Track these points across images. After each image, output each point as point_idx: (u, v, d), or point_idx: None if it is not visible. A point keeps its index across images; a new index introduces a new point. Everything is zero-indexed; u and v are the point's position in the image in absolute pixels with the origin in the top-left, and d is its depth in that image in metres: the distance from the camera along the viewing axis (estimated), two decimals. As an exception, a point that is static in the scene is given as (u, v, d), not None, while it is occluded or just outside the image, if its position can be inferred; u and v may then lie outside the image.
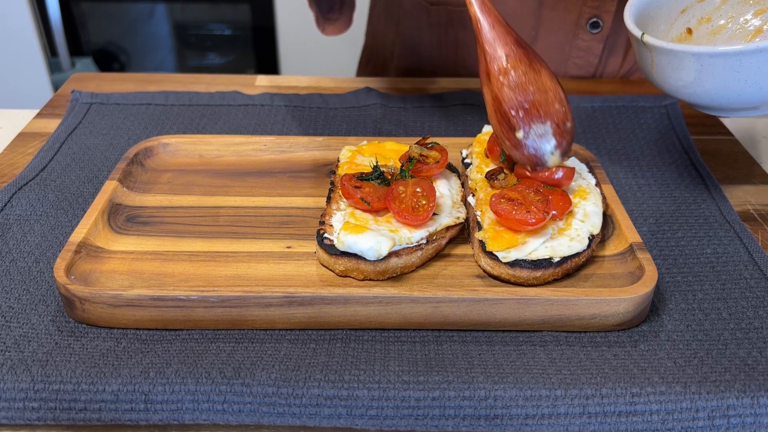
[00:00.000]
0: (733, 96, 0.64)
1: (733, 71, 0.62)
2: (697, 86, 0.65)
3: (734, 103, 0.65)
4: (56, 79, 2.45)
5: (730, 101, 0.65)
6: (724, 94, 0.64)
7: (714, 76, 0.63)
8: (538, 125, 0.63)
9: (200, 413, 0.51)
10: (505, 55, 0.64)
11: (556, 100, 0.63)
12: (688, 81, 0.65)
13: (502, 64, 0.64)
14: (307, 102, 0.96)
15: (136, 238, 0.66)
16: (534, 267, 0.59)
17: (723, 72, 0.62)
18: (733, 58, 0.61)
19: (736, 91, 0.63)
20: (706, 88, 0.64)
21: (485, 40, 0.64)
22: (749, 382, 0.52)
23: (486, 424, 0.51)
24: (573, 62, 1.04)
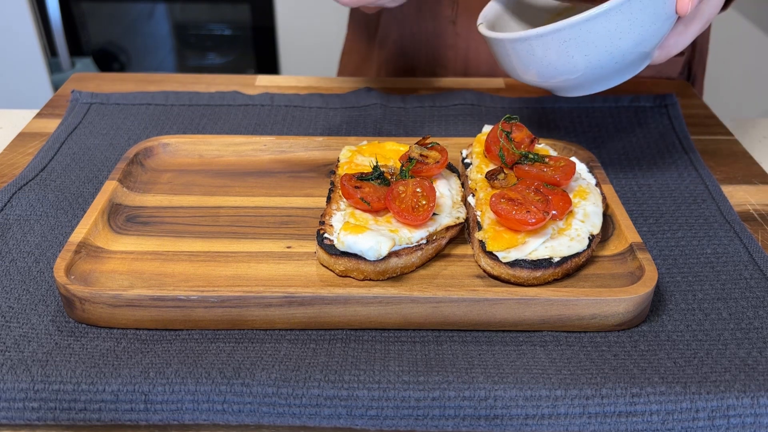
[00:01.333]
0: (541, 75, 0.66)
1: (529, 54, 0.64)
2: (511, 69, 0.68)
3: (548, 81, 0.67)
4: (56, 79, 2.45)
5: (545, 80, 0.67)
6: (533, 72, 0.66)
7: (517, 58, 0.66)
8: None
9: (200, 413, 0.51)
10: None
11: None
12: (506, 64, 0.68)
13: None
14: (307, 102, 0.96)
15: (136, 238, 0.66)
16: (534, 267, 0.59)
17: (523, 54, 0.65)
18: (524, 42, 0.63)
19: (537, 71, 0.65)
20: (516, 70, 0.67)
21: None
22: (749, 382, 0.52)
23: (486, 424, 0.51)
24: None
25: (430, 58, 1.10)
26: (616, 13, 0.60)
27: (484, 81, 1.05)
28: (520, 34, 0.63)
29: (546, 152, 0.72)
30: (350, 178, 0.66)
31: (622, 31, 0.61)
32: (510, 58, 0.67)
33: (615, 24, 0.60)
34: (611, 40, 0.61)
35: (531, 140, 0.70)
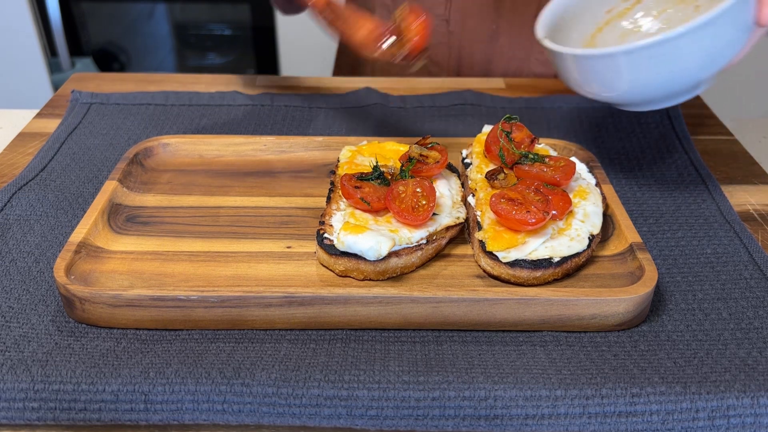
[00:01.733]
0: (620, 92, 0.66)
1: (609, 70, 0.64)
2: (584, 84, 0.68)
3: (623, 98, 0.67)
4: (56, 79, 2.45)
5: (620, 97, 0.67)
6: (611, 89, 0.66)
7: (595, 75, 0.65)
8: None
9: (200, 413, 0.51)
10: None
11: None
12: (576, 81, 0.68)
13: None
14: (307, 102, 0.96)
15: (136, 238, 0.66)
16: (534, 267, 0.59)
17: (604, 71, 0.65)
18: (608, 59, 0.63)
19: (619, 88, 0.65)
20: (591, 86, 0.67)
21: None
22: (749, 382, 0.52)
23: (486, 424, 0.51)
24: (535, 58, 1.05)
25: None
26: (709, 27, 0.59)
27: (484, 81, 1.05)
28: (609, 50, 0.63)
29: (546, 152, 0.72)
30: (350, 178, 0.66)
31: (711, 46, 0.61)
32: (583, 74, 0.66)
33: (708, 38, 0.60)
34: (704, 54, 0.61)
35: (531, 140, 0.70)
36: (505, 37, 1.04)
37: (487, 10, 1.02)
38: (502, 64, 1.07)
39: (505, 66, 1.07)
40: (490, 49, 1.06)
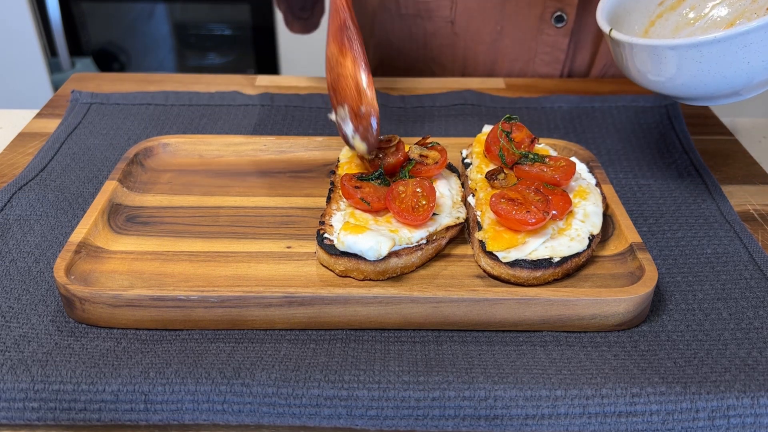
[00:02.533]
0: (699, 86, 0.65)
1: (695, 62, 0.63)
2: (665, 78, 0.66)
3: (703, 92, 0.66)
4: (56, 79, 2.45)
5: (698, 91, 0.66)
6: (691, 85, 0.65)
7: (678, 67, 0.64)
8: (339, 108, 0.66)
9: (200, 413, 0.51)
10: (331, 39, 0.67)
11: (354, 86, 0.65)
12: (656, 73, 0.66)
13: (328, 48, 0.67)
14: (307, 102, 0.96)
15: (136, 238, 0.66)
16: (534, 267, 0.59)
17: (686, 63, 0.63)
18: (693, 50, 0.62)
19: (702, 81, 0.64)
20: (673, 79, 0.66)
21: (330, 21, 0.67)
22: (749, 382, 0.52)
23: (486, 425, 0.51)
24: (540, 58, 1.05)
25: (428, 58, 1.10)
26: None
27: (484, 81, 1.05)
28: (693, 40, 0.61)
29: (546, 152, 0.72)
30: (350, 178, 0.66)
31: None
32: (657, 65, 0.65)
33: None
34: None
35: (531, 140, 0.70)
36: (509, 37, 1.04)
37: (492, 12, 1.02)
38: (506, 65, 1.07)
39: (510, 66, 1.07)
40: (494, 50, 1.06)
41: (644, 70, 0.67)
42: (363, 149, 0.67)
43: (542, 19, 1.01)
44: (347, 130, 0.66)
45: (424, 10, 1.05)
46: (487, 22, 1.03)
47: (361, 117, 0.65)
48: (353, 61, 0.65)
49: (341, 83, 0.65)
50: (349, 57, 0.65)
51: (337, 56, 0.65)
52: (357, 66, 0.65)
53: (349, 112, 0.65)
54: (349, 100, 0.65)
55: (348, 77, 0.65)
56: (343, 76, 0.65)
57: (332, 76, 0.66)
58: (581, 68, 1.07)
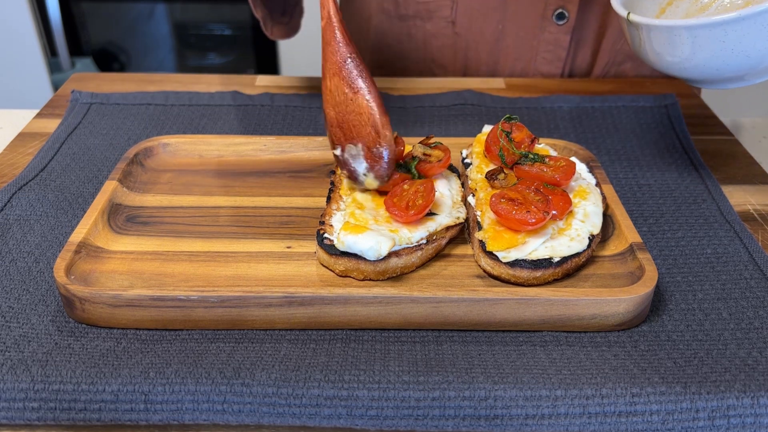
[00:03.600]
0: (722, 66, 0.65)
1: (719, 41, 0.63)
2: (686, 59, 0.66)
3: (723, 73, 0.66)
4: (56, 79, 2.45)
5: (720, 71, 0.66)
6: (713, 65, 0.65)
7: (702, 47, 0.64)
8: (350, 146, 0.64)
9: (200, 413, 0.51)
10: (333, 73, 0.64)
11: (369, 124, 0.63)
12: (677, 55, 0.66)
13: (329, 82, 0.65)
14: (307, 102, 0.96)
15: (136, 238, 0.66)
16: (534, 267, 0.59)
17: (710, 43, 0.63)
18: (718, 28, 0.62)
19: (724, 61, 0.64)
20: (696, 60, 0.66)
21: (324, 56, 0.65)
22: (749, 382, 0.52)
23: (486, 424, 0.51)
24: (542, 57, 1.05)
25: (428, 59, 1.10)
26: None
27: (484, 81, 1.05)
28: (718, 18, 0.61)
29: (546, 152, 0.72)
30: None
31: None
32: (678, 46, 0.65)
33: None
34: None
35: (531, 140, 0.70)
36: (510, 36, 1.04)
37: (493, 11, 1.02)
38: (508, 65, 1.07)
39: (511, 66, 1.07)
40: (496, 50, 1.06)
41: (663, 51, 0.67)
42: (374, 186, 0.66)
43: (544, 17, 1.01)
44: (359, 168, 0.65)
45: (424, 11, 1.05)
46: (489, 20, 1.03)
47: (378, 157, 0.64)
48: (367, 100, 0.63)
49: (353, 121, 0.64)
50: (360, 95, 0.63)
51: (345, 93, 0.64)
52: (372, 105, 0.63)
53: (364, 151, 0.64)
54: (364, 140, 0.64)
55: (362, 115, 0.63)
56: (356, 114, 0.63)
57: (338, 113, 0.64)
58: (582, 66, 1.07)
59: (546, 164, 0.67)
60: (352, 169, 0.66)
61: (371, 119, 0.63)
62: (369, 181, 0.66)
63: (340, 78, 0.64)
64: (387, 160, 0.64)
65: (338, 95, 0.64)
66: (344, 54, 0.64)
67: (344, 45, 0.64)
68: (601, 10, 1.01)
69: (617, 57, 1.05)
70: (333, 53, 0.64)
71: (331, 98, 0.65)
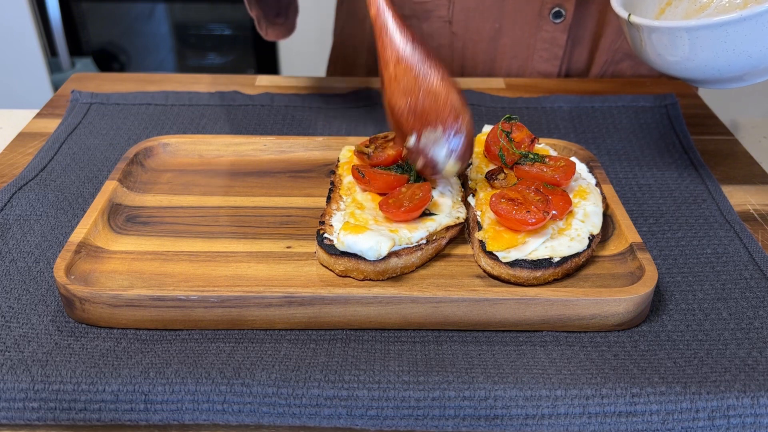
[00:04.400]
0: (723, 66, 0.65)
1: (720, 42, 0.63)
2: (687, 60, 0.66)
3: (725, 73, 0.66)
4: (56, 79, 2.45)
5: (721, 72, 0.66)
6: (714, 65, 0.65)
7: (703, 48, 0.64)
8: (429, 131, 0.62)
9: (200, 413, 0.51)
10: (397, 60, 0.62)
11: (447, 105, 0.62)
12: (678, 56, 0.67)
13: (393, 70, 0.62)
14: (307, 102, 0.96)
15: (136, 238, 0.66)
16: (534, 267, 0.59)
17: (711, 44, 0.64)
18: (720, 29, 0.62)
19: (725, 62, 0.64)
20: (697, 60, 0.66)
21: (381, 44, 0.63)
22: (749, 382, 0.52)
23: (486, 424, 0.51)
24: (539, 55, 1.04)
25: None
26: None
27: (483, 81, 1.05)
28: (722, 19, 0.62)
29: (546, 152, 0.72)
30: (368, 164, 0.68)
31: None
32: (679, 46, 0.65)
33: None
34: None
35: (531, 140, 0.70)
36: (507, 35, 1.04)
37: (490, 10, 1.02)
38: (505, 63, 1.07)
39: (508, 64, 1.07)
40: (493, 49, 1.06)
41: (664, 52, 0.68)
42: (456, 171, 0.64)
43: (540, 15, 1.01)
44: (439, 153, 0.62)
45: (420, 10, 1.05)
46: (486, 19, 1.03)
47: (459, 137, 0.62)
48: (442, 80, 0.62)
49: (429, 106, 0.62)
50: (434, 78, 0.62)
51: (416, 78, 0.62)
52: (448, 85, 0.62)
53: (445, 134, 0.62)
54: (445, 121, 0.62)
55: (439, 97, 0.62)
56: (432, 98, 0.61)
57: (411, 100, 0.62)
58: (579, 64, 1.07)
59: (546, 164, 0.67)
60: (431, 156, 0.63)
61: (449, 100, 0.62)
62: (450, 166, 0.63)
63: (406, 64, 0.62)
64: (468, 140, 0.63)
65: (407, 81, 0.62)
66: (407, 37, 0.62)
67: (404, 28, 0.63)
68: (598, 9, 1.01)
69: (615, 56, 1.05)
70: (393, 39, 0.62)
71: (398, 86, 0.62)
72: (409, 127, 0.63)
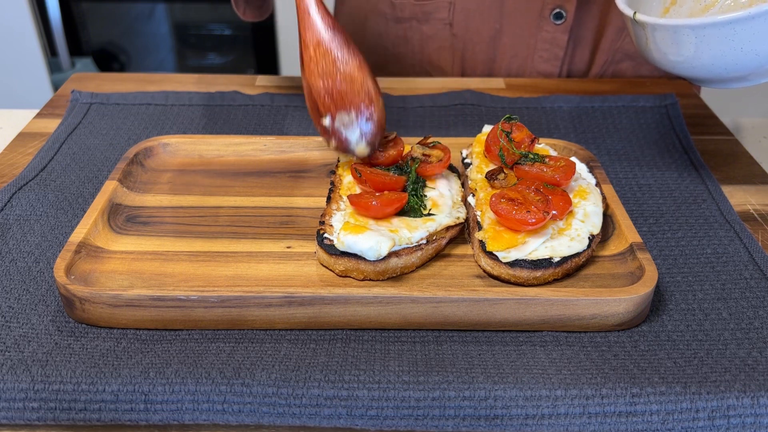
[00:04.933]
0: (729, 65, 0.65)
1: (728, 40, 0.63)
2: (693, 58, 0.66)
3: (730, 72, 0.66)
4: (56, 79, 2.45)
5: (727, 71, 0.66)
6: (721, 64, 0.65)
7: (709, 46, 0.64)
8: (342, 114, 0.65)
9: (200, 413, 0.51)
10: (318, 42, 0.65)
11: (362, 91, 0.64)
12: (684, 54, 0.66)
13: (313, 52, 0.65)
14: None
15: (136, 238, 0.66)
16: (534, 267, 0.59)
17: (718, 42, 0.63)
18: (727, 27, 0.62)
19: (732, 60, 0.64)
20: (703, 59, 0.65)
21: (304, 26, 0.65)
22: (749, 382, 0.52)
23: (486, 424, 0.51)
24: (539, 55, 1.05)
25: (424, 61, 1.10)
26: None
27: (483, 81, 1.05)
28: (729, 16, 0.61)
29: (546, 152, 0.72)
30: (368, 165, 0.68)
31: None
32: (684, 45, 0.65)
33: None
34: None
35: (531, 140, 0.70)
36: (508, 36, 1.04)
37: (490, 11, 1.02)
38: (504, 63, 1.07)
39: (508, 64, 1.07)
40: (493, 49, 1.06)
41: (670, 50, 0.67)
42: (366, 153, 0.67)
43: (541, 16, 1.01)
44: (351, 136, 0.66)
45: (420, 13, 1.05)
46: (486, 21, 1.03)
47: (371, 122, 0.65)
48: (359, 67, 0.65)
49: (345, 89, 0.64)
50: (352, 63, 0.64)
51: (335, 62, 0.65)
52: (364, 72, 0.65)
53: (358, 118, 0.65)
54: (358, 106, 0.65)
55: (355, 82, 0.64)
56: (348, 82, 0.64)
57: (328, 82, 0.65)
58: (580, 65, 1.07)
59: (546, 164, 0.67)
60: (343, 138, 0.66)
61: (364, 86, 0.64)
62: (361, 149, 0.66)
63: (327, 47, 0.64)
64: (379, 126, 0.66)
65: (326, 64, 0.64)
66: (328, 22, 0.65)
67: (325, 14, 0.65)
68: (599, 9, 1.01)
69: (615, 56, 1.05)
70: (315, 22, 0.65)
71: (316, 67, 0.65)
72: (324, 108, 0.66)
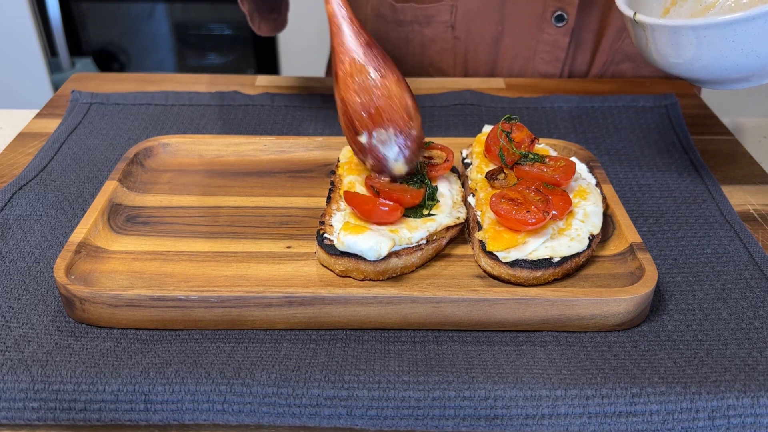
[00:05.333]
0: (730, 66, 0.64)
1: (729, 41, 0.62)
2: (694, 59, 0.66)
3: (731, 73, 0.66)
4: (56, 79, 2.45)
5: (728, 72, 0.65)
6: (721, 65, 0.65)
7: (710, 47, 0.64)
8: (380, 131, 0.63)
9: (200, 413, 0.51)
10: (353, 58, 0.63)
11: (401, 107, 0.63)
12: (684, 55, 0.66)
13: (348, 67, 0.63)
14: (307, 102, 0.96)
15: (136, 238, 0.66)
16: (534, 267, 0.59)
17: (719, 43, 0.63)
18: (728, 28, 0.62)
19: (733, 61, 0.64)
20: (703, 60, 0.65)
21: (338, 41, 0.64)
22: (749, 382, 0.52)
23: (486, 424, 0.51)
24: (540, 57, 1.05)
25: (426, 63, 1.10)
26: None
27: (484, 81, 1.05)
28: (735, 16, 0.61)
29: (546, 152, 0.72)
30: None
31: None
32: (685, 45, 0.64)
33: None
34: None
35: (531, 140, 0.70)
36: (509, 37, 1.04)
37: (492, 12, 1.02)
38: (506, 64, 1.07)
39: (510, 65, 1.07)
40: (494, 51, 1.06)
41: (670, 51, 0.67)
42: (403, 171, 0.65)
43: (543, 19, 1.01)
44: (389, 153, 0.63)
45: (422, 16, 1.05)
46: (488, 23, 1.03)
47: (409, 139, 0.63)
48: (397, 82, 0.63)
49: (383, 106, 0.62)
50: (390, 79, 0.63)
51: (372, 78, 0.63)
52: (402, 88, 0.63)
53: (396, 135, 0.63)
54: (397, 122, 0.63)
55: (393, 99, 0.62)
56: (386, 98, 0.62)
57: (365, 98, 0.63)
58: (581, 67, 1.07)
59: (546, 164, 0.67)
60: (380, 156, 0.64)
61: (402, 101, 0.63)
62: (399, 167, 0.64)
63: (363, 62, 0.63)
64: (418, 144, 0.64)
65: (363, 79, 0.63)
66: (365, 37, 0.63)
67: (360, 28, 0.63)
68: (600, 11, 1.01)
69: (615, 57, 1.05)
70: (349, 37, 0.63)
71: (353, 83, 0.63)
72: (361, 125, 0.63)
